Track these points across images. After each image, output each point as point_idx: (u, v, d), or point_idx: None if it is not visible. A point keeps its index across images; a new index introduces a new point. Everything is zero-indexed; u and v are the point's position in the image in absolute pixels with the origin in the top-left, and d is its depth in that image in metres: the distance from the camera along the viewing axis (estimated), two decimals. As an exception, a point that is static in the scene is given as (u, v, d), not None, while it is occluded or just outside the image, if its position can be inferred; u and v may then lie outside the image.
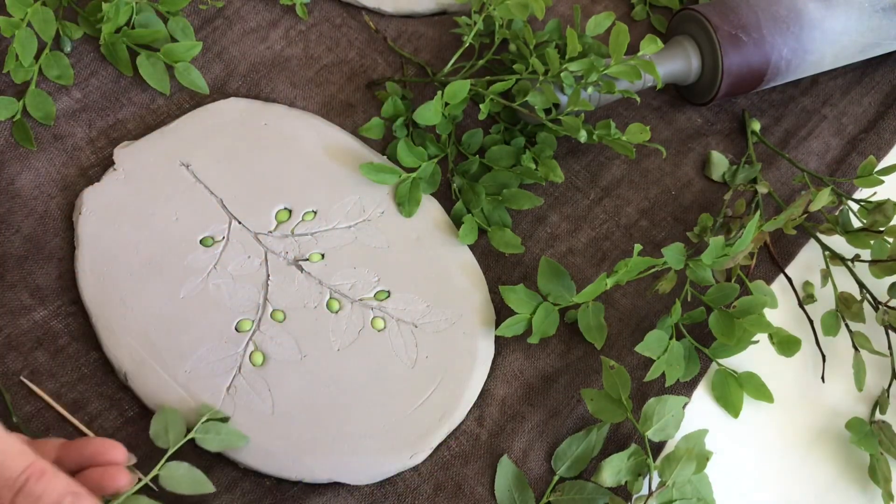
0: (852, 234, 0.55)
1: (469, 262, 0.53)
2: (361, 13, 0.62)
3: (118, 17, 0.54)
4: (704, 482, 0.48)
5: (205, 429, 0.46)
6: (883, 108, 0.63)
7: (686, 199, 0.59)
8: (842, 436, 0.52)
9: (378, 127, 0.56)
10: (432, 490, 0.48)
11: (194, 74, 0.56)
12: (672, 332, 0.51)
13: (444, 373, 0.50)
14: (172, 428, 0.46)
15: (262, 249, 0.52)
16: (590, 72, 0.53)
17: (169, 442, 0.46)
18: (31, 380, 0.48)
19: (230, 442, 0.47)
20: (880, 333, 0.54)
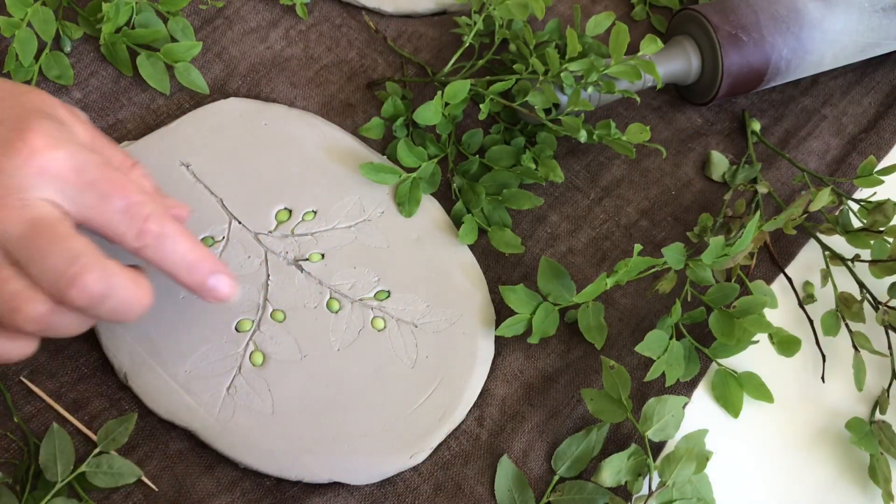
0: (852, 234, 0.55)
1: (469, 262, 0.53)
2: (361, 13, 0.62)
3: (118, 17, 0.54)
4: (704, 482, 0.48)
5: (96, 462, 0.45)
6: (883, 108, 0.63)
7: (686, 199, 0.59)
8: (842, 436, 0.52)
9: (378, 127, 0.57)
10: (432, 490, 0.48)
11: (194, 74, 0.56)
12: (672, 332, 0.51)
13: (444, 373, 0.50)
14: (61, 458, 0.44)
15: (262, 249, 0.52)
16: (590, 72, 0.53)
17: (57, 475, 0.44)
18: (31, 380, 0.48)
19: (121, 478, 0.45)
20: (880, 333, 0.54)
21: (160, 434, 0.48)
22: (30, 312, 0.38)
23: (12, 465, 0.46)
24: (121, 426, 0.46)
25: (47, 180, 0.39)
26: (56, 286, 0.38)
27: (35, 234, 0.38)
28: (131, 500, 0.46)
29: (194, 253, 0.43)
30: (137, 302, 0.41)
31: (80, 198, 0.40)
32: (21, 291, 0.38)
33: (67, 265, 0.38)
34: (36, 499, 0.44)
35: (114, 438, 0.46)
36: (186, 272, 0.43)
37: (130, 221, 0.41)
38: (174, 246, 0.42)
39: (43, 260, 0.38)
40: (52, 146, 0.39)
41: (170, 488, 0.47)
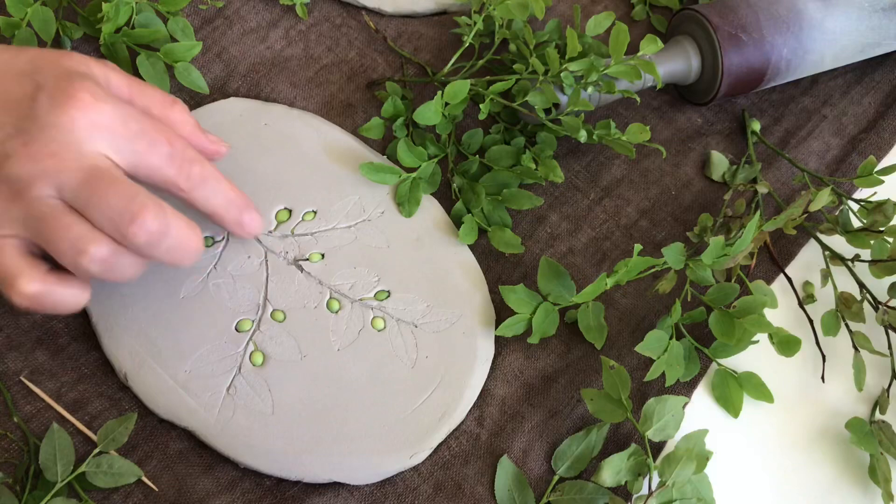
0: (852, 234, 0.55)
1: (469, 262, 0.53)
2: (361, 13, 0.62)
3: (118, 17, 0.54)
4: (704, 482, 0.48)
5: (96, 462, 0.46)
6: (883, 108, 0.63)
7: (686, 199, 0.59)
8: (842, 436, 0.52)
9: (378, 127, 0.56)
10: (432, 490, 0.48)
11: (194, 74, 0.56)
12: (672, 332, 0.51)
13: (444, 373, 0.50)
14: (61, 458, 0.45)
15: (262, 249, 0.52)
16: (590, 72, 0.53)
17: (57, 476, 0.45)
18: (31, 380, 0.48)
19: (121, 478, 0.45)
20: (880, 333, 0.54)
21: (160, 434, 0.48)
22: (95, 253, 0.41)
23: (12, 465, 0.46)
24: (121, 426, 0.46)
25: (98, 133, 0.42)
26: (117, 226, 0.41)
27: (93, 181, 0.41)
28: (131, 500, 0.46)
29: (231, 191, 0.47)
30: (191, 242, 0.44)
31: (128, 147, 0.43)
32: (85, 234, 0.41)
33: (127, 204, 0.41)
34: (36, 499, 0.44)
35: (114, 438, 0.46)
36: (226, 210, 0.47)
37: (178, 166, 0.44)
38: (216, 186, 0.46)
39: (103, 203, 0.41)
40: (98, 101, 0.42)
41: (170, 488, 0.47)
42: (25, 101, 0.42)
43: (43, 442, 0.45)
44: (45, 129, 0.41)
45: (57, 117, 0.41)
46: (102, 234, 0.41)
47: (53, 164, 0.41)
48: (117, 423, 0.46)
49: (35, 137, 0.41)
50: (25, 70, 0.43)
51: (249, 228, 0.49)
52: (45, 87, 0.42)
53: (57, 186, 0.41)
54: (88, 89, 0.42)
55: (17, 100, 0.42)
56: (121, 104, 0.43)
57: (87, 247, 0.41)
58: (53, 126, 0.41)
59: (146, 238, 0.41)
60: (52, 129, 0.41)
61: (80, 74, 0.43)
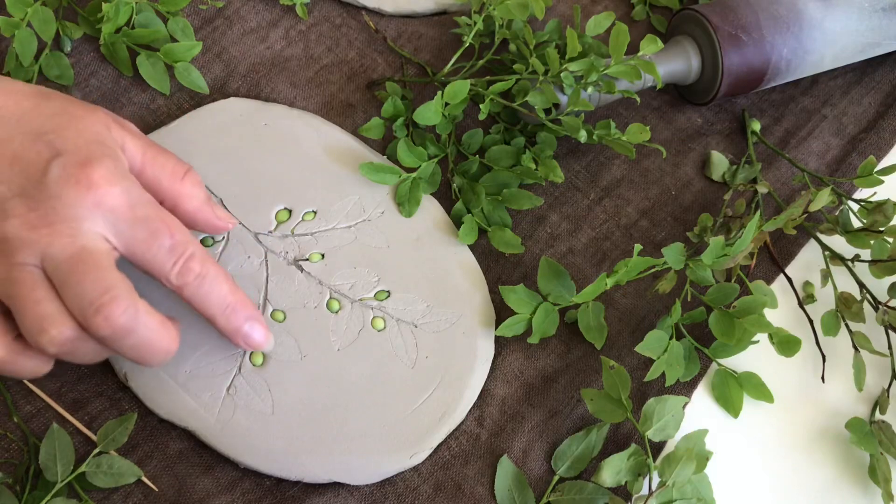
0: (852, 234, 0.55)
1: (469, 262, 0.53)
2: (361, 13, 0.62)
3: (118, 17, 0.54)
4: (704, 482, 0.48)
5: (96, 462, 0.46)
6: (883, 108, 0.63)
7: (686, 199, 0.59)
8: (842, 436, 0.52)
9: (378, 127, 0.56)
10: (432, 490, 0.48)
11: (194, 74, 0.56)
12: (672, 332, 0.51)
13: (444, 373, 0.50)
14: (61, 458, 0.45)
15: (262, 249, 0.52)
16: (590, 72, 0.53)
17: (57, 476, 0.45)
18: (31, 380, 0.48)
19: (121, 478, 0.45)
20: (880, 333, 0.54)
21: (160, 434, 0.48)
22: (55, 336, 0.40)
23: (12, 465, 0.46)
24: (121, 426, 0.46)
25: (101, 214, 0.41)
26: (84, 312, 0.40)
27: (78, 261, 0.40)
28: (131, 500, 0.46)
29: (233, 297, 0.45)
30: (160, 344, 0.42)
31: (130, 233, 0.42)
32: (51, 314, 0.40)
33: (100, 293, 0.40)
34: (36, 499, 0.44)
35: (114, 438, 0.46)
36: (223, 315, 0.45)
37: (175, 259, 0.43)
38: (213, 287, 0.44)
39: (78, 285, 0.40)
40: (111, 183, 0.41)
41: (170, 488, 0.47)
42: (39, 164, 0.41)
43: (43, 442, 0.45)
44: (50, 200, 0.41)
45: (65, 191, 0.41)
46: (67, 317, 0.40)
47: (47, 234, 0.40)
48: (117, 423, 0.46)
49: (38, 205, 0.40)
50: (45, 129, 0.42)
51: (251, 341, 0.46)
52: (62, 157, 0.41)
53: (42, 256, 0.40)
54: (103, 168, 0.41)
55: (31, 160, 0.41)
56: (133, 187, 0.42)
57: (50, 328, 0.40)
58: (59, 199, 0.41)
59: (110, 332, 0.40)
60: (56, 201, 0.41)
61: (100, 146, 0.43)
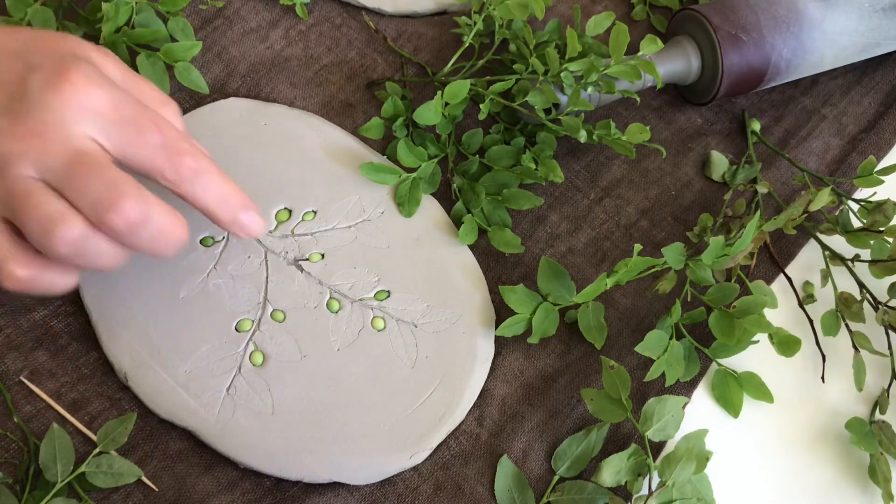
0: (852, 234, 0.55)
1: (469, 262, 0.53)
2: (361, 13, 0.62)
3: (118, 16, 0.54)
4: (704, 482, 0.48)
5: (96, 462, 0.46)
6: (883, 108, 0.63)
7: (686, 199, 0.59)
8: (842, 436, 0.52)
9: (378, 127, 0.56)
10: (432, 490, 0.48)
11: (194, 74, 0.56)
12: (672, 332, 0.51)
13: (444, 373, 0.50)
14: (61, 458, 0.45)
15: (262, 249, 0.52)
16: (590, 72, 0.53)
17: (57, 476, 0.45)
18: (31, 380, 0.48)
19: (121, 478, 0.45)
20: (880, 333, 0.54)
21: (160, 434, 0.48)
22: (65, 233, 0.40)
23: (12, 465, 0.46)
24: (121, 426, 0.46)
25: (87, 116, 0.41)
26: (95, 210, 0.40)
27: (77, 164, 0.40)
28: (131, 500, 0.46)
29: (227, 188, 0.45)
30: (173, 233, 0.42)
31: (118, 133, 0.42)
32: (56, 212, 0.40)
33: (108, 190, 0.40)
34: (36, 499, 0.44)
35: (114, 438, 0.46)
36: (220, 207, 0.45)
37: (168, 156, 0.42)
38: (209, 180, 0.44)
39: (83, 187, 0.40)
40: (91, 84, 0.41)
41: (170, 488, 0.47)
42: (17, 81, 0.41)
43: (43, 442, 0.45)
44: (34, 110, 0.40)
45: (47, 98, 0.41)
46: (76, 214, 0.40)
47: (38, 144, 0.40)
48: (117, 423, 0.46)
49: (23, 117, 0.40)
50: (20, 50, 0.42)
51: (248, 229, 0.46)
52: (39, 68, 0.41)
53: (39, 167, 0.40)
54: (82, 71, 0.41)
55: (10, 80, 0.41)
56: (115, 89, 0.42)
57: (56, 227, 0.39)
58: (42, 106, 0.40)
59: (124, 226, 0.40)
60: (40, 109, 0.40)
61: (75, 57, 0.42)
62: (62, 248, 0.40)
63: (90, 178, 0.40)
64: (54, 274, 0.42)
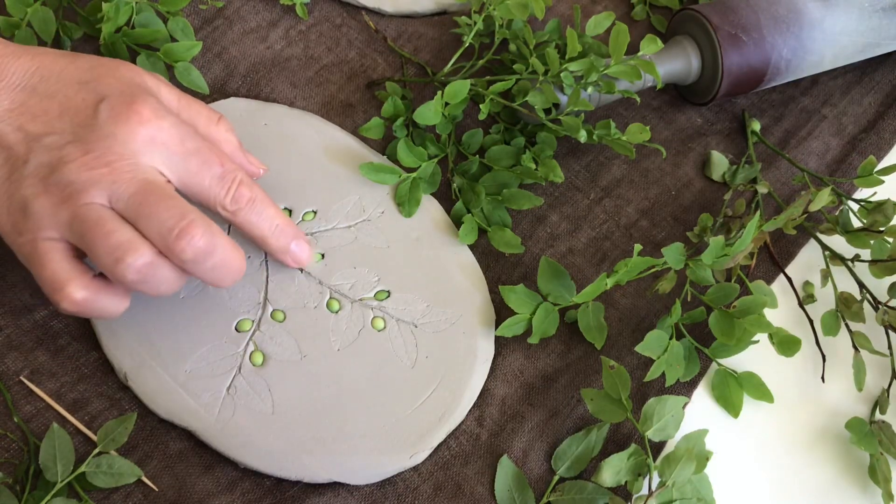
0: (852, 234, 0.55)
1: (469, 262, 0.53)
2: (361, 13, 0.62)
3: (118, 16, 0.54)
4: (704, 482, 0.48)
5: (96, 462, 0.46)
6: (883, 108, 0.63)
7: (686, 199, 0.59)
8: (842, 436, 0.52)
9: (378, 127, 0.56)
10: (432, 490, 0.48)
11: (194, 74, 0.56)
12: (672, 332, 0.51)
13: (444, 373, 0.50)
14: (61, 458, 0.45)
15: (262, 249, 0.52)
16: (590, 72, 0.53)
17: (57, 476, 0.45)
18: (31, 380, 0.48)
19: (121, 478, 0.46)
20: (880, 333, 0.54)
21: (160, 434, 0.48)
22: (134, 262, 0.41)
23: (12, 465, 0.46)
24: (121, 426, 0.46)
25: (154, 148, 0.43)
26: (165, 239, 0.41)
27: (146, 193, 0.42)
28: (131, 500, 0.46)
29: (280, 218, 0.48)
30: (236, 264, 0.44)
31: (182, 165, 0.44)
32: (127, 241, 0.41)
33: (178, 219, 0.41)
34: (36, 499, 0.44)
35: (114, 438, 0.46)
36: (273, 236, 0.48)
37: (227, 187, 0.45)
38: (263, 210, 0.47)
39: (154, 216, 0.41)
40: (158, 117, 0.43)
41: (170, 488, 0.47)
42: (87, 109, 0.43)
43: (43, 442, 0.45)
44: (104, 140, 0.42)
45: (117, 129, 0.42)
46: (145, 243, 0.41)
47: (108, 173, 0.41)
48: (117, 423, 0.46)
49: (93, 146, 0.42)
50: (85, 79, 0.44)
51: (298, 258, 0.50)
52: (108, 99, 0.43)
53: (109, 196, 0.41)
54: (149, 104, 0.43)
55: (78, 108, 0.43)
56: (178, 122, 0.44)
57: (127, 255, 0.41)
58: (112, 137, 0.42)
59: (193, 255, 0.42)
60: (111, 140, 0.42)
61: (140, 87, 0.44)
62: (131, 274, 0.41)
63: (160, 207, 0.41)
64: (110, 298, 0.43)
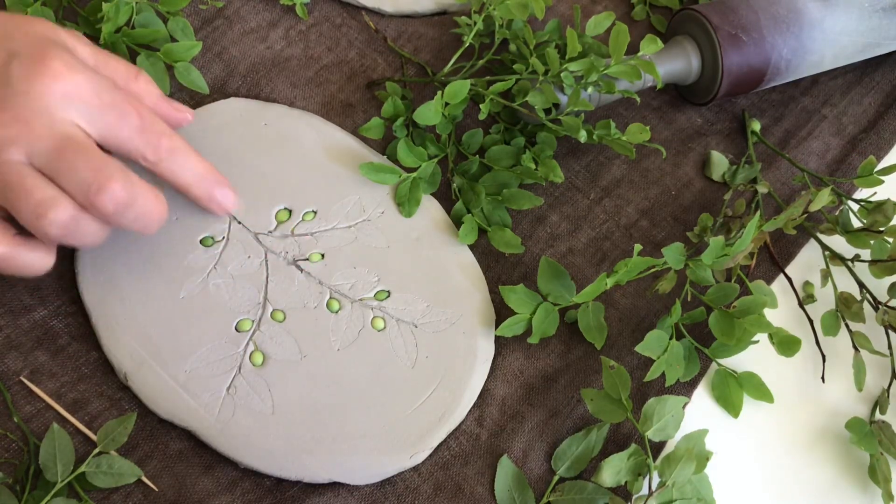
0: (852, 234, 0.55)
1: (469, 262, 0.53)
2: (361, 13, 0.62)
3: (118, 17, 0.54)
4: (704, 482, 0.48)
5: (96, 462, 0.46)
6: (883, 108, 0.63)
7: (686, 199, 0.59)
8: (842, 436, 0.52)
9: (378, 127, 0.56)
10: (432, 490, 0.48)
11: (194, 74, 0.56)
12: (672, 332, 0.51)
13: (444, 373, 0.50)
14: (61, 458, 0.45)
15: (262, 249, 0.52)
16: (590, 72, 0.53)
17: (57, 476, 0.45)
18: (31, 380, 0.48)
19: (121, 478, 0.46)
20: (880, 333, 0.54)
21: (160, 434, 0.48)
22: (56, 216, 0.41)
23: (12, 465, 0.46)
24: (121, 426, 0.46)
25: (70, 103, 0.42)
26: (85, 193, 0.41)
27: (64, 149, 0.41)
28: (131, 500, 0.46)
29: (203, 166, 0.48)
30: (157, 212, 0.44)
31: (99, 118, 0.43)
32: (48, 197, 0.41)
33: (96, 174, 0.41)
34: (36, 499, 0.44)
35: (114, 438, 0.46)
36: (196, 184, 0.48)
37: (147, 138, 0.45)
38: (185, 160, 0.47)
39: (72, 171, 0.41)
40: (72, 71, 0.43)
41: (170, 488, 0.47)
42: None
43: (43, 442, 0.45)
44: (18, 97, 0.42)
45: (30, 85, 0.42)
46: (66, 198, 0.42)
47: (25, 130, 0.41)
48: (117, 423, 0.46)
49: (7, 105, 0.42)
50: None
51: (222, 204, 0.49)
52: (19, 55, 0.43)
53: (28, 153, 0.41)
54: (62, 59, 0.43)
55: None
56: (93, 75, 0.44)
57: (48, 211, 0.41)
58: (26, 94, 0.42)
59: (114, 208, 0.42)
60: (24, 96, 0.42)
61: (52, 42, 0.44)
62: (54, 230, 0.42)
63: (78, 162, 0.41)
64: (33, 254, 0.43)
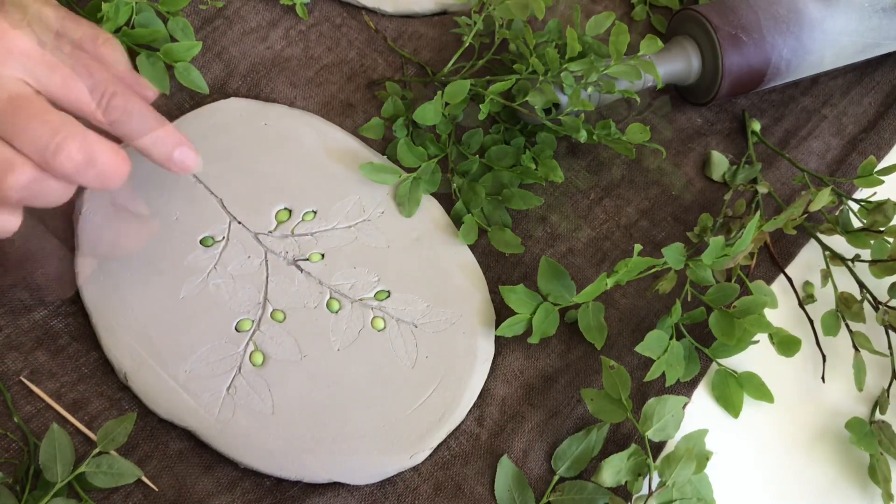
0: (852, 234, 0.55)
1: (469, 262, 0.53)
2: (361, 13, 0.62)
3: (118, 16, 0.54)
4: (704, 482, 0.48)
5: (96, 462, 0.46)
6: (883, 108, 0.63)
7: (686, 199, 0.59)
8: (842, 436, 0.52)
9: (378, 127, 0.57)
10: (432, 490, 0.48)
11: (194, 74, 0.56)
12: (672, 332, 0.51)
13: (444, 373, 0.50)
14: (61, 458, 0.45)
15: (262, 249, 0.52)
16: (590, 72, 0.53)
17: (57, 476, 0.45)
18: (31, 380, 0.48)
19: (121, 478, 0.45)
20: (880, 333, 0.54)
21: (160, 434, 0.48)
22: (17, 179, 0.40)
23: (12, 465, 0.46)
24: (120, 426, 0.46)
25: (15, 59, 0.41)
26: (42, 155, 0.40)
27: (15, 109, 0.41)
28: (131, 500, 0.46)
29: (160, 126, 0.46)
30: (118, 168, 0.43)
31: (48, 76, 0.42)
32: (6, 161, 0.40)
33: (52, 135, 0.40)
34: (36, 499, 0.44)
35: (113, 438, 0.46)
36: (153, 145, 0.46)
37: (98, 98, 0.43)
38: (141, 121, 0.45)
39: (26, 132, 0.40)
40: (16, 26, 0.42)
41: (170, 488, 0.47)
42: None
43: (43, 442, 0.45)
44: None
45: None
46: (25, 159, 0.41)
47: None
48: (117, 423, 0.46)
49: None
50: None
51: (183, 165, 0.47)
52: None
53: None
54: (9, 15, 0.42)
55: None
56: (43, 32, 0.43)
57: (7, 175, 0.40)
58: None
59: (73, 168, 0.41)
60: None
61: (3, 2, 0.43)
62: (16, 193, 0.41)
63: (32, 123, 0.40)
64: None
